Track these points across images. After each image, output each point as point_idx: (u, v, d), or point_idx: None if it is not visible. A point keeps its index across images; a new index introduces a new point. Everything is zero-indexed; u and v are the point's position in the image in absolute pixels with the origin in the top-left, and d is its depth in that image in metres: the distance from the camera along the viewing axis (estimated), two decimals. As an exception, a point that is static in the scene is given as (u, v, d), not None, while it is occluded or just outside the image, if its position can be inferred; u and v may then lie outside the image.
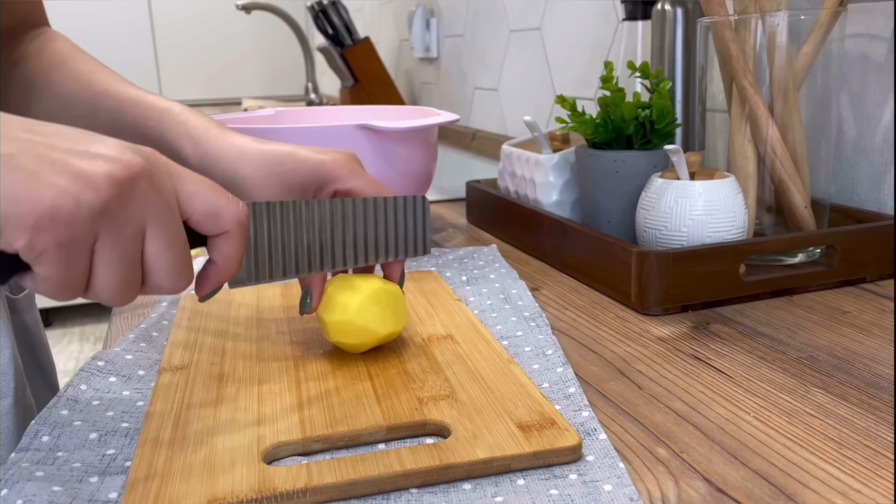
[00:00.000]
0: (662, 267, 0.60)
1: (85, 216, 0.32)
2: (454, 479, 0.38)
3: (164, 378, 0.49)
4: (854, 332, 0.56)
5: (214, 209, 0.38)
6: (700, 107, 0.75)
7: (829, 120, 0.70)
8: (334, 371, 0.50)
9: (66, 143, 0.33)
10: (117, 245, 0.34)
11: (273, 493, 0.36)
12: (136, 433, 0.44)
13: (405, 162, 0.81)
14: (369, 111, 0.97)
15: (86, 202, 0.32)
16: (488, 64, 1.60)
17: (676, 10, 0.86)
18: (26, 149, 0.32)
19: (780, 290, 0.64)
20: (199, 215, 0.38)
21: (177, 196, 0.37)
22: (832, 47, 0.68)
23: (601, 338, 0.57)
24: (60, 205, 0.31)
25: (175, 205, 0.37)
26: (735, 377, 0.50)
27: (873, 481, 0.38)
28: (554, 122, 1.31)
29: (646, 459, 0.41)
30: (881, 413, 0.44)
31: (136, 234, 0.35)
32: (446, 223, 0.96)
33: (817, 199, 0.70)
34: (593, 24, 1.19)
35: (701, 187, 0.64)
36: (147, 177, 0.35)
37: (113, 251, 0.34)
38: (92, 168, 0.33)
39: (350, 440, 0.42)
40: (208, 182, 0.39)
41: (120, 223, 0.34)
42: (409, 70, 2.16)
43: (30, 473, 0.39)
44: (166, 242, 0.36)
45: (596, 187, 0.75)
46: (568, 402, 0.46)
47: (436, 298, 0.63)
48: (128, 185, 0.34)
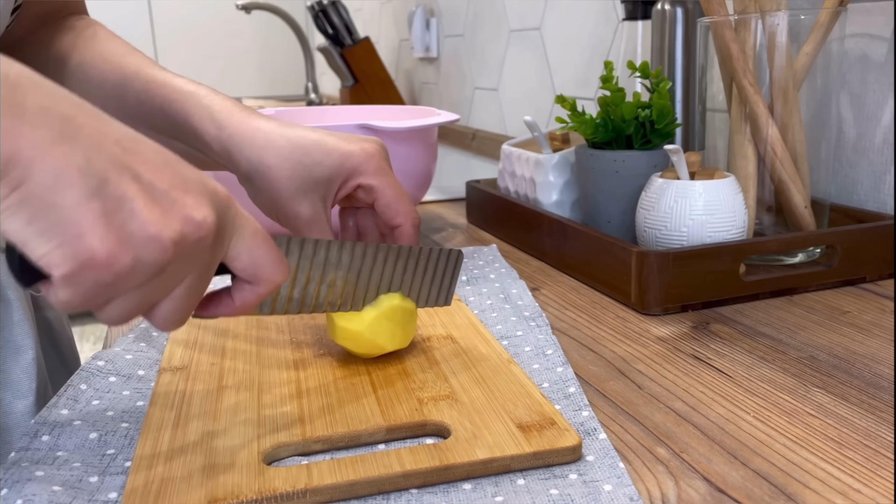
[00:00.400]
0: (662, 267, 0.60)
1: (138, 271, 0.31)
2: (454, 479, 0.38)
3: (164, 378, 0.49)
4: (854, 332, 0.56)
5: (256, 268, 0.37)
6: (700, 107, 0.75)
7: (829, 120, 0.70)
8: (334, 371, 0.50)
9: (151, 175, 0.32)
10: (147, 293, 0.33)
11: (273, 493, 0.36)
12: (136, 433, 0.44)
13: (405, 162, 0.81)
14: (369, 111, 0.97)
15: (143, 260, 0.31)
16: (488, 64, 1.60)
17: (676, 10, 0.86)
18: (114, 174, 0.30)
19: (780, 290, 0.64)
20: (240, 266, 0.37)
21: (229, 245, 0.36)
22: (832, 47, 0.68)
23: (601, 338, 0.57)
24: (119, 256, 0.30)
25: (220, 257, 0.36)
26: (735, 377, 0.50)
27: (873, 481, 0.38)
28: (554, 122, 1.31)
29: (646, 459, 0.41)
30: (881, 413, 0.44)
31: (171, 286, 0.34)
32: (446, 223, 0.96)
33: (817, 199, 0.70)
34: (593, 24, 1.19)
35: (701, 187, 0.64)
36: (214, 235, 0.34)
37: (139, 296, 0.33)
38: (163, 225, 0.31)
39: (350, 441, 0.42)
40: (262, 237, 0.38)
41: (164, 277, 0.33)
42: (409, 70, 2.16)
43: (30, 473, 0.39)
44: (188, 294, 0.35)
45: (596, 187, 0.75)
46: (568, 402, 0.46)
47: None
48: (193, 246, 0.33)
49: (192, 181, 0.33)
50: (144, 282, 0.32)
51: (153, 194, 0.31)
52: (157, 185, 0.32)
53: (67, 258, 0.29)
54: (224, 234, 0.35)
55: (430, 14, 1.92)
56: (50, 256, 0.29)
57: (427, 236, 0.89)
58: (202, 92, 0.54)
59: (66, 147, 0.29)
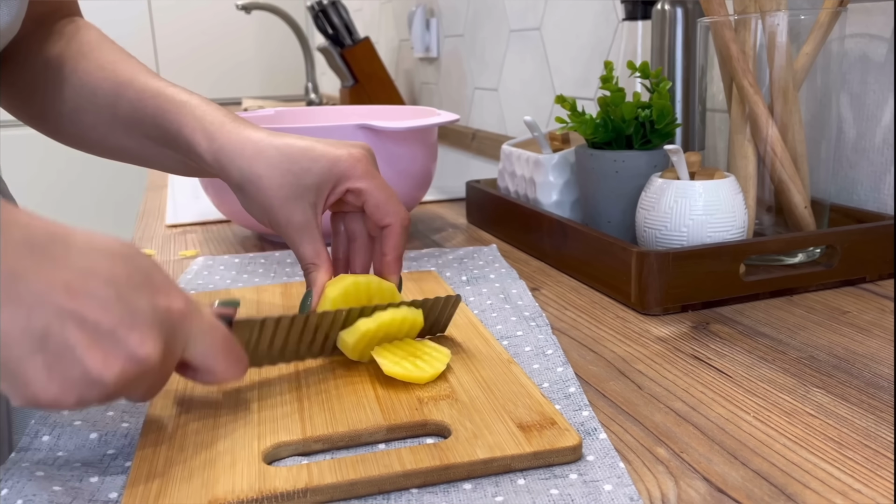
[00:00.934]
0: (662, 267, 0.60)
1: (82, 405, 0.34)
2: (454, 479, 0.38)
3: (164, 378, 0.49)
4: (854, 332, 0.56)
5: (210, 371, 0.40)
6: (700, 107, 0.75)
7: (829, 120, 0.70)
8: (334, 371, 0.50)
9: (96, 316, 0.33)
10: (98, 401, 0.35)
11: (273, 493, 0.36)
12: (136, 433, 0.44)
13: (405, 162, 0.81)
14: (369, 111, 0.98)
15: (87, 398, 0.34)
16: (488, 64, 1.60)
17: (676, 10, 0.86)
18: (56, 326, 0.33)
19: (780, 290, 0.64)
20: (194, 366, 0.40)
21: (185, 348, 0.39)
22: (832, 47, 0.68)
23: (601, 338, 0.57)
24: (63, 399, 0.33)
25: (175, 363, 0.39)
26: (735, 377, 0.50)
27: (873, 481, 0.38)
28: (554, 122, 1.31)
29: (646, 459, 0.41)
30: (881, 413, 0.44)
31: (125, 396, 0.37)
32: (446, 223, 0.96)
33: (817, 199, 0.70)
34: (593, 24, 1.19)
35: (701, 187, 0.64)
36: (160, 362, 0.36)
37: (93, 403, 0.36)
38: (104, 369, 0.33)
39: (350, 440, 0.42)
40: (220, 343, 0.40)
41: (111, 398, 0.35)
42: (409, 70, 2.16)
43: (30, 473, 0.39)
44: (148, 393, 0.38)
45: (596, 187, 0.75)
46: (568, 402, 0.46)
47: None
48: (135, 378, 0.35)
49: (141, 313, 0.35)
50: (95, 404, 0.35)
51: (96, 336, 0.33)
52: (102, 326, 0.34)
53: (17, 398, 0.33)
54: (174, 348, 0.38)
55: (430, 14, 1.92)
56: (7, 391, 0.34)
57: (427, 236, 0.89)
58: (194, 102, 0.55)
59: (9, 310, 0.32)
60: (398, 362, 0.47)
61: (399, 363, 0.47)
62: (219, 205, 0.85)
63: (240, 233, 0.93)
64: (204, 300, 0.65)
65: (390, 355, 0.48)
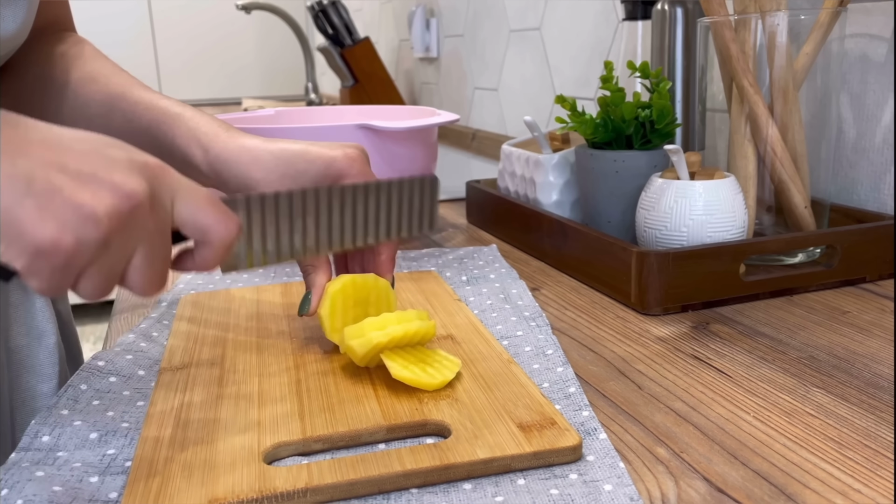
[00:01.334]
0: (662, 267, 0.60)
1: (84, 249, 0.34)
2: (454, 479, 0.38)
3: (164, 378, 0.49)
4: (854, 332, 0.56)
5: (202, 226, 0.40)
6: (700, 107, 0.75)
7: (829, 120, 0.70)
8: (334, 371, 0.50)
9: (76, 163, 0.35)
10: (105, 266, 0.36)
11: (273, 493, 0.36)
12: (136, 433, 0.44)
13: (405, 162, 0.81)
14: (369, 111, 0.98)
15: (86, 237, 0.34)
16: (488, 64, 1.60)
17: (676, 10, 0.86)
18: (40, 171, 0.34)
19: (780, 290, 0.64)
20: (188, 228, 0.40)
21: (173, 207, 0.39)
22: (832, 47, 0.68)
23: (601, 338, 0.57)
24: (61, 238, 0.33)
25: (169, 221, 0.39)
26: (735, 377, 0.50)
27: (873, 481, 0.38)
28: (554, 122, 1.31)
29: (646, 459, 0.41)
30: (881, 413, 0.44)
31: (125, 257, 0.37)
32: (446, 223, 0.96)
33: (817, 199, 0.70)
34: (593, 24, 1.19)
35: (701, 187, 0.64)
36: (148, 202, 0.36)
37: (100, 271, 0.36)
38: (96, 201, 0.34)
39: (350, 440, 0.42)
40: (204, 197, 0.40)
41: (112, 249, 0.36)
42: (409, 70, 2.16)
43: (30, 473, 0.39)
44: (149, 261, 0.38)
45: (596, 187, 0.75)
46: (568, 402, 0.46)
47: (436, 298, 0.63)
48: (128, 215, 0.35)
49: (119, 160, 0.36)
50: (96, 257, 0.35)
51: (81, 179, 0.34)
52: (84, 170, 0.35)
53: (19, 253, 0.33)
54: (161, 199, 0.38)
55: (430, 14, 1.92)
56: (5, 255, 0.33)
57: (427, 236, 0.89)
58: (188, 114, 0.55)
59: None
60: (407, 366, 0.47)
61: (408, 367, 0.47)
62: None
63: (240, 233, 0.93)
64: (205, 301, 0.65)
65: (399, 359, 0.48)
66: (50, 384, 0.60)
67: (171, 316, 0.62)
